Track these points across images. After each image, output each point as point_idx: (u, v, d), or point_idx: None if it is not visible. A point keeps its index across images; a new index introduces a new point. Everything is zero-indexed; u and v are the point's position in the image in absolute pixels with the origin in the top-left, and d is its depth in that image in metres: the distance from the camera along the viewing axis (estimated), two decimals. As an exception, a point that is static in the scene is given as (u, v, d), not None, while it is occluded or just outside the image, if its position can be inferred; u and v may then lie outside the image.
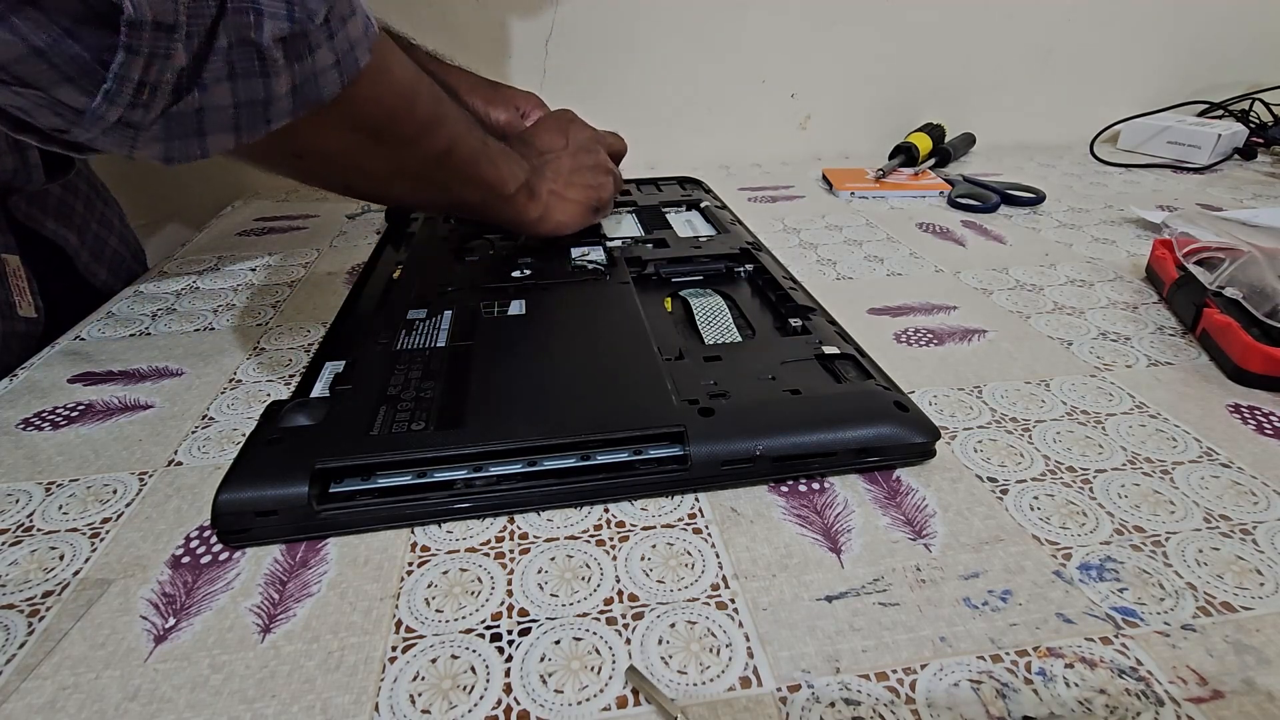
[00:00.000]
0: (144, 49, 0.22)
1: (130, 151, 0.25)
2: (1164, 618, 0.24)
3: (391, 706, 0.22)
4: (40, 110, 0.23)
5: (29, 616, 0.25)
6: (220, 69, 0.25)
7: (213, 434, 0.35)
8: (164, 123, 0.25)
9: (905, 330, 0.44)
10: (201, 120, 0.26)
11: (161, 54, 0.23)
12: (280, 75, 0.26)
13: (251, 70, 0.25)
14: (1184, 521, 0.29)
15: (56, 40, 0.21)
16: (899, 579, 0.26)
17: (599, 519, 0.29)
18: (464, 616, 0.25)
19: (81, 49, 0.22)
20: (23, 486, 0.32)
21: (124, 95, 0.23)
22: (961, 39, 0.86)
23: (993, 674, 0.22)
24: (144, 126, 0.25)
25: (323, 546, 0.28)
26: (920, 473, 0.32)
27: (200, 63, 0.24)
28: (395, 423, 0.31)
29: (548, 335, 0.39)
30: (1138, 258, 0.55)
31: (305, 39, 0.27)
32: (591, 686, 0.22)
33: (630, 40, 0.81)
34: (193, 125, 0.26)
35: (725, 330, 0.41)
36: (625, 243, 0.53)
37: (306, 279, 0.54)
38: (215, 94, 0.25)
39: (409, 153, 0.37)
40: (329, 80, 0.28)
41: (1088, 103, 0.91)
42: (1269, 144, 0.84)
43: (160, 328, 0.47)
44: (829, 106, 0.88)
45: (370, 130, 0.34)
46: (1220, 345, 0.39)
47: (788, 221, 0.66)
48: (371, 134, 0.34)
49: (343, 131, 0.33)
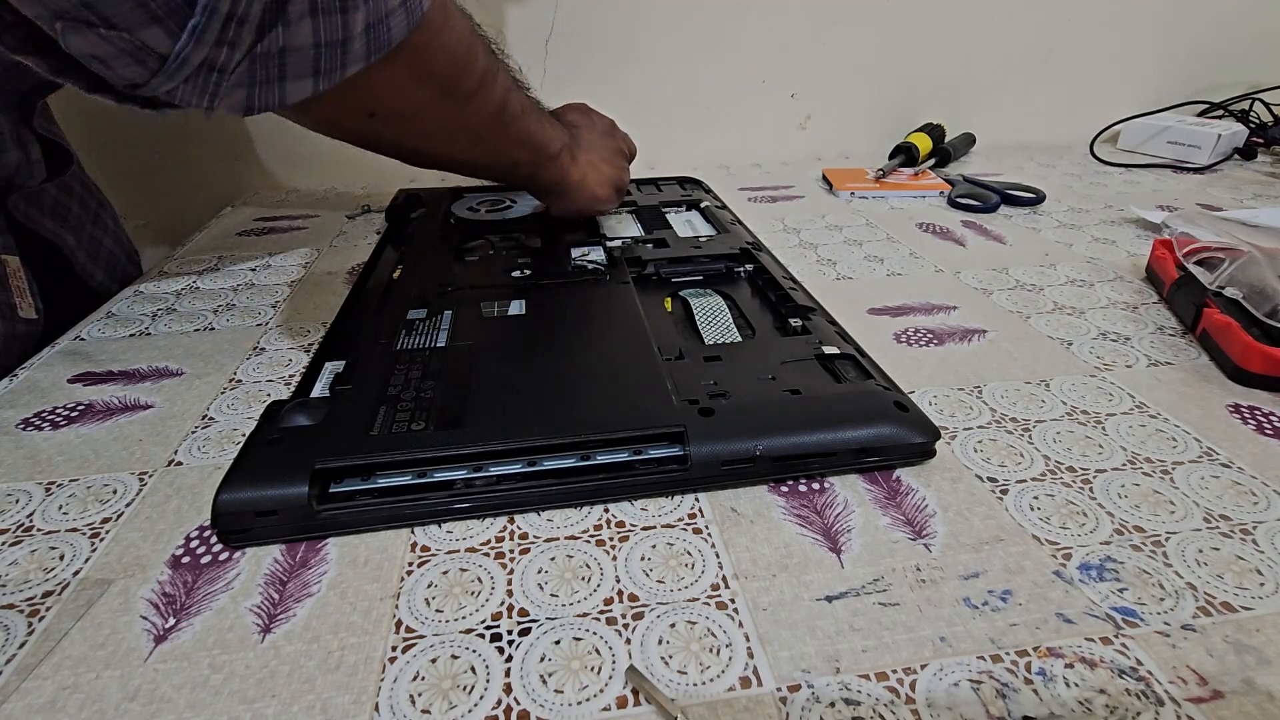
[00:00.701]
0: None
1: (212, 102, 0.25)
2: (1164, 618, 0.24)
3: (391, 706, 0.22)
4: (122, 59, 0.23)
5: (29, 616, 0.25)
6: (304, 4, 0.24)
7: (213, 434, 0.35)
8: (248, 65, 0.25)
9: (905, 330, 0.44)
10: (284, 62, 0.25)
11: None
12: (358, 11, 0.26)
13: (333, 6, 0.25)
14: (1184, 521, 0.29)
15: None
16: (899, 579, 0.26)
17: (599, 519, 0.29)
18: (464, 616, 0.25)
19: None
20: (23, 486, 0.32)
21: (211, 31, 0.22)
22: (961, 39, 0.86)
23: (993, 674, 0.22)
24: (229, 70, 0.24)
25: (323, 546, 0.28)
26: (920, 473, 0.32)
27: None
28: (395, 423, 0.31)
29: (548, 335, 0.39)
30: (1138, 258, 0.55)
31: None
32: (591, 686, 0.22)
33: (630, 40, 0.81)
34: (275, 68, 0.25)
35: (725, 330, 0.41)
36: (625, 243, 0.53)
37: (306, 279, 0.54)
38: (298, 32, 0.25)
39: (471, 108, 0.38)
40: (397, 22, 0.28)
41: (1088, 103, 0.91)
42: (1269, 144, 0.84)
43: (160, 328, 0.47)
44: (829, 106, 0.88)
45: (439, 83, 0.34)
46: (1220, 345, 0.39)
47: (788, 221, 0.66)
48: (440, 87, 0.35)
49: (415, 86, 0.33)
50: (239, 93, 0.25)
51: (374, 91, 0.32)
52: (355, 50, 0.27)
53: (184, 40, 0.22)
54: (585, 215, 0.55)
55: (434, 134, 0.38)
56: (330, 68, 0.27)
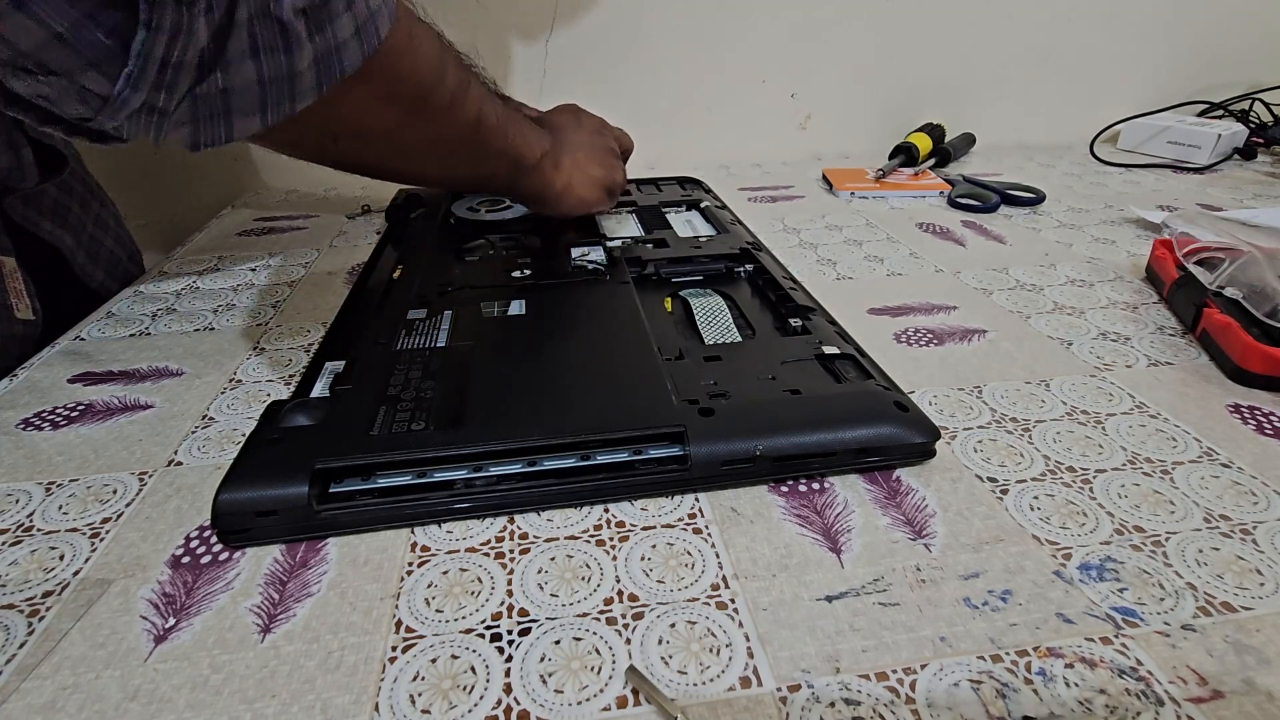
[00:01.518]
0: (165, 25, 0.22)
1: (158, 137, 0.25)
2: (1164, 618, 0.24)
3: (391, 706, 0.22)
4: (66, 99, 0.23)
5: (29, 616, 0.25)
6: (243, 44, 0.24)
7: (213, 434, 0.35)
8: (189, 105, 0.25)
9: (905, 330, 0.44)
10: (228, 101, 0.25)
11: (183, 30, 0.22)
12: (303, 49, 0.26)
13: (274, 45, 0.25)
14: (1184, 521, 0.29)
15: (77, 24, 0.21)
16: (899, 579, 0.26)
17: (599, 519, 0.29)
18: (464, 616, 0.25)
19: (103, 34, 0.21)
20: (23, 486, 0.32)
21: (147, 77, 0.23)
22: (961, 39, 0.86)
23: (993, 674, 0.22)
24: (169, 111, 0.24)
25: (323, 546, 0.28)
26: (920, 473, 0.32)
27: (222, 39, 0.24)
28: (395, 423, 0.31)
29: (548, 335, 0.39)
30: (1138, 258, 0.55)
31: (325, 8, 0.26)
32: (591, 686, 0.22)
33: (630, 40, 0.81)
34: (219, 107, 0.25)
35: (725, 330, 0.41)
36: (625, 243, 0.53)
37: (306, 279, 0.54)
38: (239, 72, 0.25)
39: (443, 123, 0.37)
40: (350, 52, 0.28)
41: (1088, 103, 0.91)
42: (1269, 144, 0.84)
43: (160, 328, 0.47)
44: (829, 106, 0.88)
45: (407, 103, 0.34)
46: (1220, 345, 0.39)
47: (788, 221, 0.66)
48: (409, 106, 0.34)
49: (381, 106, 0.33)
50: (184, 129, 0.25)
51: (335, 116, 0.31)
52: (304, 84, 0.27)
53: (120, 85, 0.22)
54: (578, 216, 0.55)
55: (407, 152, 0.38)
56: (278, 101, 0.27)
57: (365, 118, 0.33)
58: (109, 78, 0.22)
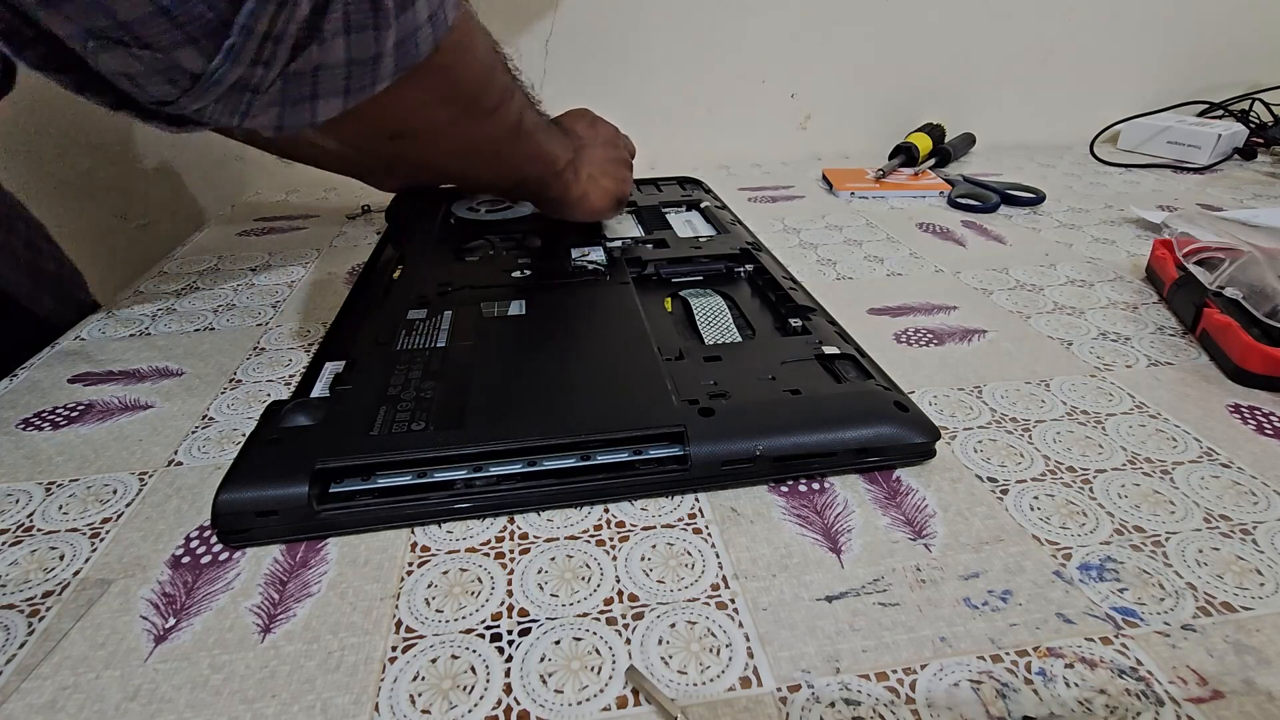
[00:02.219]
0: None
1: (241, 120, 0.25)
2: (1164, 618, 0.24)
3: (391, 706, 0.22)
4: (153, 78, 0.22)
5: (29, 616, 0.25)
6: (339, 21, 0.24)
7: (213, 434, 0.35)
8: (281, 84, 0.24)
9: (905, 330, 0.44)
10: (316, 81, 0.25)
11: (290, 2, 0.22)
12: (389, 29, 0.26)
13: (365, 23, 0.25)
14: (1184, 521, 0.29)
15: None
16: (899, 579, 0.26)
17: (599, 519, 0.29)
18: (464, 616, 0.25)
19: (205, 6, 0.21)
20: (23, 486, 0.32)
21: (248, 51, 0.22)
22: (961, 39, 0.86)
23: (993, 674, 0.22)
24: (261, 89, 0.24)
25: (323, 546, 0.28)
26: (920, 473, 0.32)
27: (320, 15, 0.24)
28: (395, 423, 0.31)
29: (548, 335, 0.39)
30: (1138, 258, 0.55)
31: None
32: (591, 686, 0.22)
33: (630, 40, 0.81)
34: (307, 87, 0.25)
35: (725, 330, 0.41)
36: (625, 243, 0.53)
37: (306, 279, 0.54)
38: (332, 50, 0.25)
39: (492, 125, 0.37)
40: (424, 37, 0.28)
41: (1088, 103, 0.91)
42: (1269, 144, 0.84)
43: (160, 328, 0.47)
44: (829, 106, 0.88)
45: (462, 102, 0.34)
46: (1220, 345, 0.39)
47: (788, 221, 0.66)
48: (462, 106, 0.34)
49: (438, 105, 0.33)
50: (271, 111, 0.25)
51: (399, 111, 0.31)
52: (385, 67, 0.27)
53: (219, 60, 0.22)
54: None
55: (453, 152, 0.38)
56: (360, 85, 0.27)
57: (422, 116, 0.33)
58: (204, 54, 0.22)
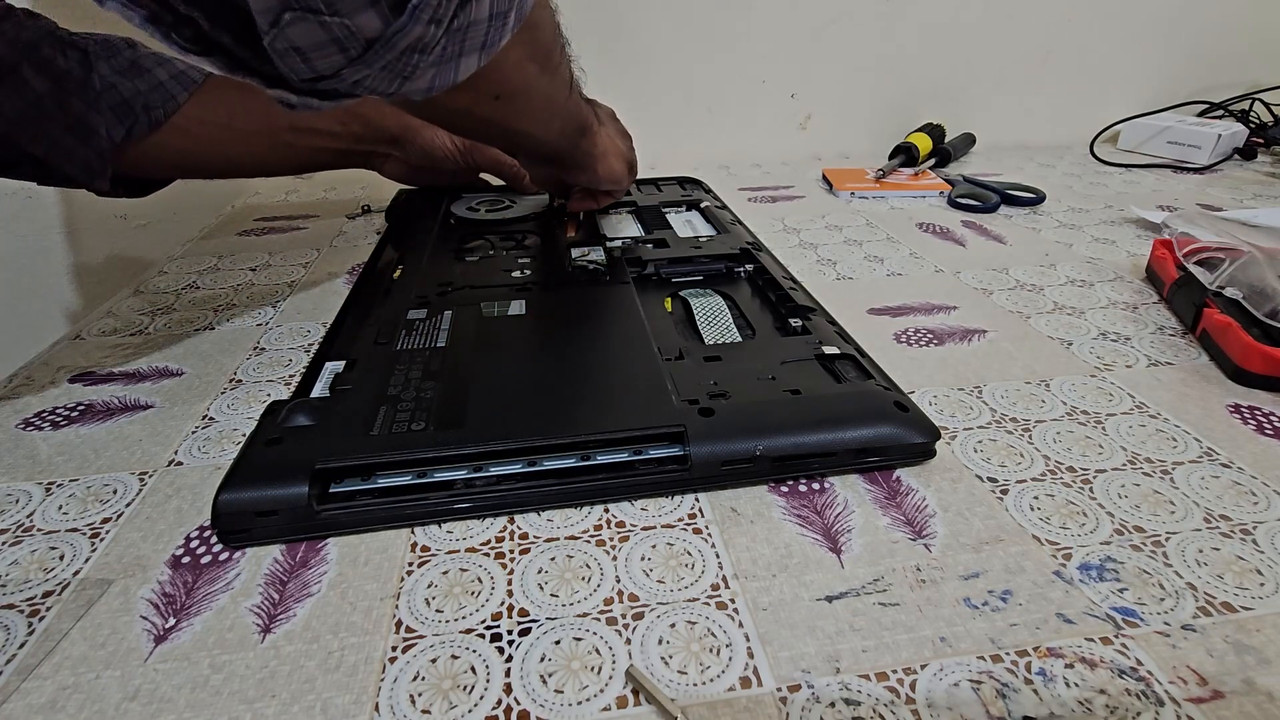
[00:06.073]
0: None
1: (401, 85, 0.24)
2: (1164, 618, 0.24)
3: (391, 706, 0.22)
4: (326, 48, 0.22)
5: (29, 616, 0.25)
6: None
7: (213, 434, 0.35)
8: (444, 43, 0.24)
9: (905, 330, 0.44)
10: (465, 38, 0.25)
11: None
12: None
13: None
14: (1184, 521, 0.29)
15: None
16: (899, 579, 0.26)
17: (599, 519, 0.29)
18: (464, 616, 0.25)
19: None
20: (23, 486, 0.32)
21: (428, 8, 0.22)
22: (961, 39, 0.86)
23: (993, 674, 0.22)
24: (429, 49, 0.24)
25: (323, 546, 0.28)
26: (920, 473, 0.32)
27: None
28: (395, 423, 0.31)
29: (548, 335, 0.39)
30: (1138, 258, 0.55)
31: None
32: (591, 686, 0.22)
33: (630, 41, 0.81)
34: (458, 44, 0.25)
35: (725, 330, 0.41)
36: (625, 243, 0.53)
37: (306, 279, 0.54)
38: (482, 4, 0.24)
39: (559, 80, 0.38)
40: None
41: (1088, 103, 0.91)
42: (1269, 144, 0.84)
43: (160, 328, 0.47)
44: (829, 106, 0.88)
45: (542, 58, 0.34)
46: (1220, 345, 0.39)
47: (788, 221, 0.66)
48: (542, 61, 0.34)
49: (528, 61, 0.33)
50: (429, 73, 0.25)
51: (505, 70, 0.31)
52: (510, 21, 0.27)
53: (404, 20, 0.22)
54: (600, 190, 0.54)
55: (533, 111, 0.37)
56: (493, 40, 0.26)
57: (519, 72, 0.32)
58: (382, 17, 0.22)
